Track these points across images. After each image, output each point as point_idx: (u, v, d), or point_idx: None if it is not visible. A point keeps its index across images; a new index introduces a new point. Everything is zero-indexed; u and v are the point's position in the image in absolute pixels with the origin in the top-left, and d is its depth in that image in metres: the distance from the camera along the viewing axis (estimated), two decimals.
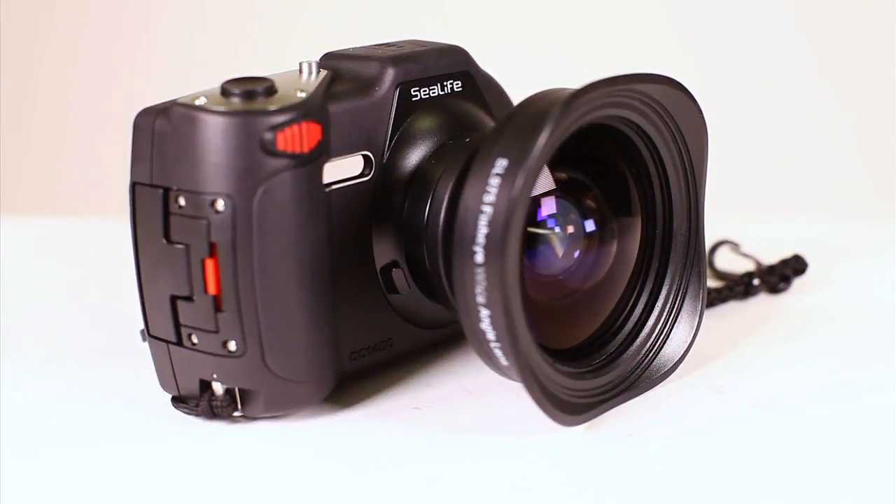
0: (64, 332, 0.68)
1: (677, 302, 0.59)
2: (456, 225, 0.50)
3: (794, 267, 0.72)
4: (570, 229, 0.57)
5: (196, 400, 0.55)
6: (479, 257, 0.49)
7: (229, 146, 0.51)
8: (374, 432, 0.55)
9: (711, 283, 0.70)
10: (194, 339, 0.54)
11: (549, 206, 0.56)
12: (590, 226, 0.58)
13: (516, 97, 0.57)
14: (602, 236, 0.59)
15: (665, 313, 0.59)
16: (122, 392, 0.59)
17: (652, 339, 0.59)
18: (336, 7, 1.41)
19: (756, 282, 0.70)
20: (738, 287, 0.70)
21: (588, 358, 0.58)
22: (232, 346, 0.53)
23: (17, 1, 1.45)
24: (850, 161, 1.35)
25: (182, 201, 0.52)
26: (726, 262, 0.73)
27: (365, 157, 0.57)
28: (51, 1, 1.46)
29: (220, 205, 0.51)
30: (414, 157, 0.57)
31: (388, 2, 1.39)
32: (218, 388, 0.54)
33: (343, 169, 0.56)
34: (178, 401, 0.56)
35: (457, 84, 0.60)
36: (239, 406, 0.55)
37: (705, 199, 0.59)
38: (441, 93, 0.59)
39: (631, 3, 1.36)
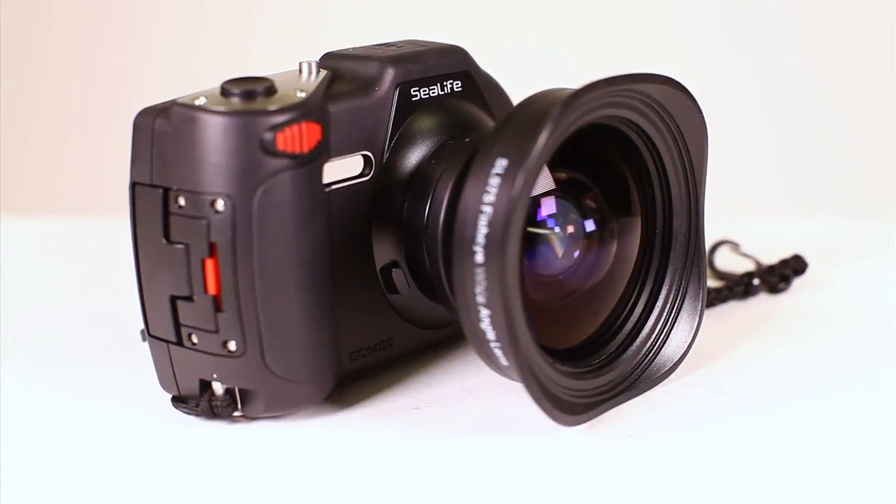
0: (64, 332, 0.68)
1: (677, 302, 0.59)
2: (456, 225, 0.50)
3: (794, 267, 0.72)
4: (570, 229, 0.57)
5: (196, 400, 0.55)
6: (479, 257, 0.49)
7: (229, 146, 0.51)
8: (374, 432, 0.55)
9: (711, 282, 0.70)
10: (194, 339, 0.54)
11: (548, 206, 0.56)
12: (590, 226, 0.58)
13: (516, 97, 0.57)
14: (602, 236, 0.59)
15: (665, 313, 0.59)
16: (122, 392, 0.59)
17: (652, 339, 0.59)
18: (336, 7, 1.41)
19: (756, 282, 0.70)
20: (738, 287, 0.70)
21: (588, 358, 0.58)
22: (232, 346, 0.53)
23: (17, 1, 1.45)
24: (850, 161, 1.35)
25: (182, 201, 0.52)
26: (726, 262, 0.73)
27: (365, 157, 0.57)
28: (51, 1, 1.46)
29: (220, 205, 0.51)
30: (414, 157, 0.57)
31: (388, 2, 1.39)
32: (218, 387, 0.54)
33: (343, 169, 0.56)
34: (178, 401, 0.56)
35: (457, 84, 0.60)
36: (239, 406, 0.55)
37: (705, 199, 0.59)
38: (441, 93, 0.59)
39: (631, 3, 1.36)
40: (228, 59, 1.37)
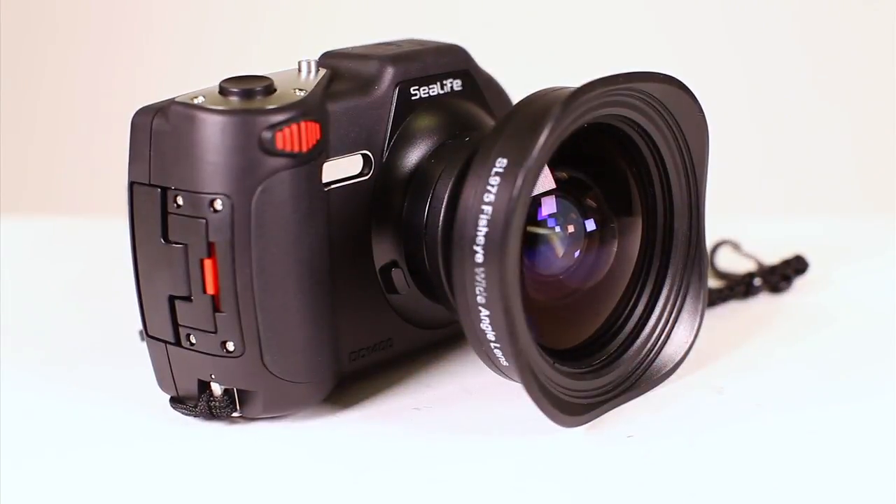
0: (63, 332, 0.68)
1: (678, 302, 0.59)
2: (456, 225, 0.50)
3: (795, 267, 0.72)
4: (571, 229, 0.57)
5: (194, 400, 0.55)
6: (479, 257, 0.49)
7: (228, 145, 0.51)
8: (374, 433, 0.55)
9: (712, 282, 0.70)
10: (192, 340, 0.53)
11: (549, 206, 0.56)
12: (590, 225, 0.58)
13: (516, 97, 0.57)
14: (602, 236, 0.58)
15: (666, 313, 0.59)
16: (121, 392, 0.59)
17: (653, 340, 0.59)
18: (336, 7, 1.41)
19: (757, 282, 0.70)
20: (739, 287, 0.70)
21: (588, 358, 0.58)
22: (230, 346, 0.53)
23: (17, 1, 1.45)
24: (850, 161, 1.35)
25: (180, 201, 0.52)
26: (727, 261, 0.73)
27: (364, 156, 0.56)
28: (51, 1, 1.46)
29: (219, 204, 0.51)
30: (413, 156, 0.57)
31: (388, 2, 1.39)
32: (216, 388, 0.54)
33: (342, 168, 0.55)
34: (177, 401, 0.56)
35: (456, 83, 0.60)
36: (237, 406, 0.54)
37: (706, 199, 0.59)
38: (441, 92, 0.59)
39: (630, 3, 1.36)
40: (227, 57, 1.37)
